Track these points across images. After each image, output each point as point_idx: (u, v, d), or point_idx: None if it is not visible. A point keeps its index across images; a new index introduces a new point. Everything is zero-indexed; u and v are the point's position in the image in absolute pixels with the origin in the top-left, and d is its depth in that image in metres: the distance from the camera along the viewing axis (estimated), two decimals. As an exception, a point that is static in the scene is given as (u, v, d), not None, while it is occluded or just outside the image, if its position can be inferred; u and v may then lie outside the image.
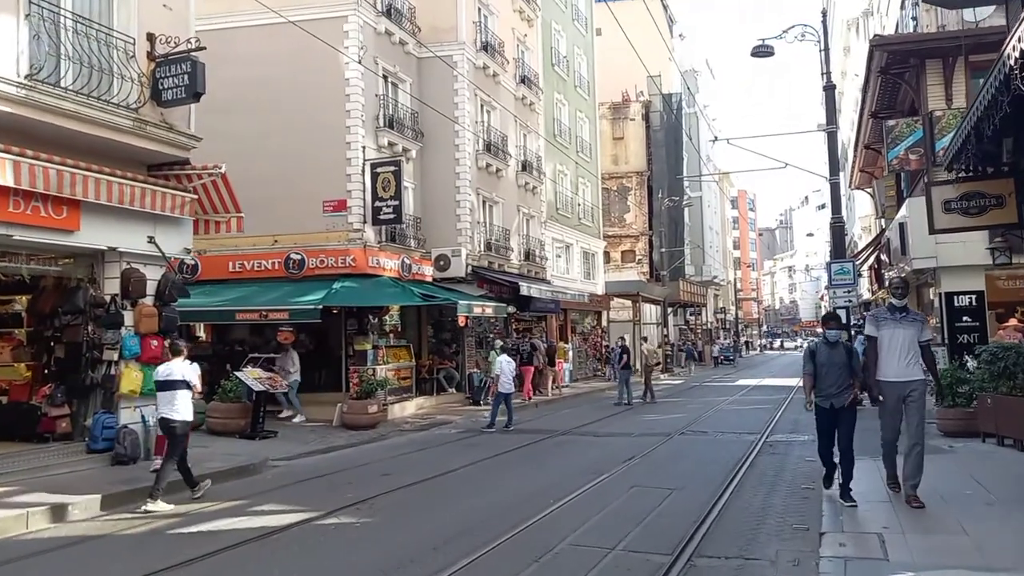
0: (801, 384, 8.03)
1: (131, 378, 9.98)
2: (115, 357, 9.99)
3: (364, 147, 17.84)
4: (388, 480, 9.29)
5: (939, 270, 15.40)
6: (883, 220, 24.55)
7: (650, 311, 40.07)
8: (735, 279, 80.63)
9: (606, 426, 15.03)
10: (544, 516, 7.14)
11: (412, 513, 7.55)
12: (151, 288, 10.34)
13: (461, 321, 17.57)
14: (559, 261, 28.44)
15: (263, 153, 17.87)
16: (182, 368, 8.23)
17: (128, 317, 10.13)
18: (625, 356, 19.81)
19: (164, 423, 8.20)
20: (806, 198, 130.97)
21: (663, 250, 39.38)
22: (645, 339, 22.12)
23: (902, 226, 16.32)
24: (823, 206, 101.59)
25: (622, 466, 9.89)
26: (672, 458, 10.75)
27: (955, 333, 15.09)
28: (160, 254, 10.38)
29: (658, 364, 21.77)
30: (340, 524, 7.07)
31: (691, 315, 51.97)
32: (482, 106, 22.13)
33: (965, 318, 15.18)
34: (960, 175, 9.21)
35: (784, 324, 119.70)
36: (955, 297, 15.26)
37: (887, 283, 7.50)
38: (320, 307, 15.07)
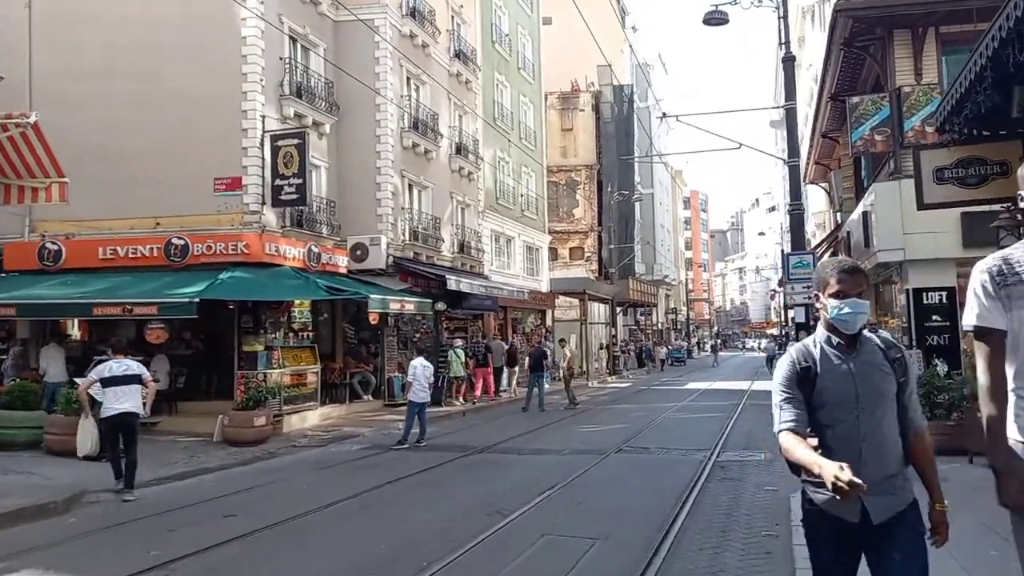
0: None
1: None
2: None
3: (264, 117, 15.44)
4: (224, 526, 7.02)
5: (907, 264, 13.81)
6: (839, 214, 23.21)
7: (598, 310, 38.30)
8: (686, 279, 79.89)
9: (535, 440, 12.98)
10: (407, 590, 5.01)
11: (218, 588, 5.33)
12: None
13: (373, 318, 15.32)
14: (499, 255, 26.36)
15: (145, 125, 15.41)
16: (135, 364, 8.82)
17: None
18: (543, 359, 18.84)
19: (123, 417, 8.42)
20: (756, 200, 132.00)
21: (612, 247, 37.67)
22: (563, 342, 20.87)
23: (866, 215, 14.70)
24: (773, 208, 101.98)
25: (539, 500, 7.81)
26: (603, 487, 8.73)
27: (924, 335, 13.52)
28: (-62, 226, 7.91)
29: (579, 373, 20.93)
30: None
31: (641, 315, 50.54)
32: (409, 79, 19.89)
33: (935, 317, 13.63)
34: (955, 138, 7.42)
35: (734, 325, 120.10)
36: (924, 294, 13.69)
37: None
38: (196, 300, 12.64)
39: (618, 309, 39.68)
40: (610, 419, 16.26)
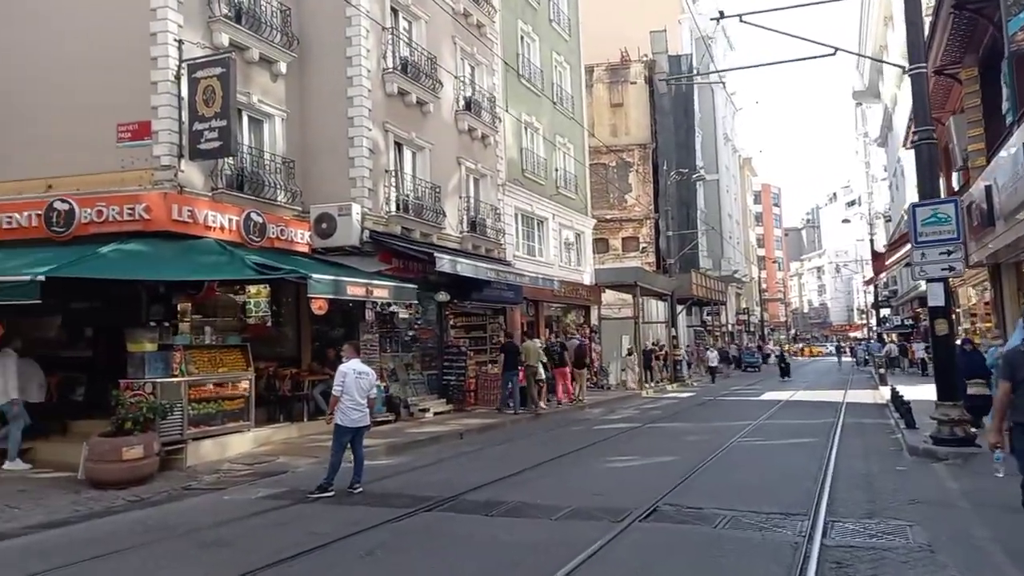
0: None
1: None
2: None
3: (182, 43, 11.64)
4: None
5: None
6: (959, 175, 17.93)
7: (656, 308, 33.45)
8: (759, 278, 73.38)
9: (528, 484, 8.56)
10: None
11: None
12: None
13: (318, 306, 11.23)
14: (528, 239, 22.02)
15: (34, 71, 11.99)
16: None
17: None
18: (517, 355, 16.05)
19: None
20: (834, 195, 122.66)
21: (670, 234, 32.71)
22: (527, 335, 18.69)
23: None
24: (854, 202, 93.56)
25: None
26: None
27: None
28: None
29: (541, 380, 17.14)
30: None
31: (708, 315, 45.14)
32: (395, 10, 15.83)
33: None
34: None
35: (813, 328, 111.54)
36: None
37: None
38: (39, 280, 8.83)
39: (679, 307, 34.66)
40: (653, 446, 11.70)
